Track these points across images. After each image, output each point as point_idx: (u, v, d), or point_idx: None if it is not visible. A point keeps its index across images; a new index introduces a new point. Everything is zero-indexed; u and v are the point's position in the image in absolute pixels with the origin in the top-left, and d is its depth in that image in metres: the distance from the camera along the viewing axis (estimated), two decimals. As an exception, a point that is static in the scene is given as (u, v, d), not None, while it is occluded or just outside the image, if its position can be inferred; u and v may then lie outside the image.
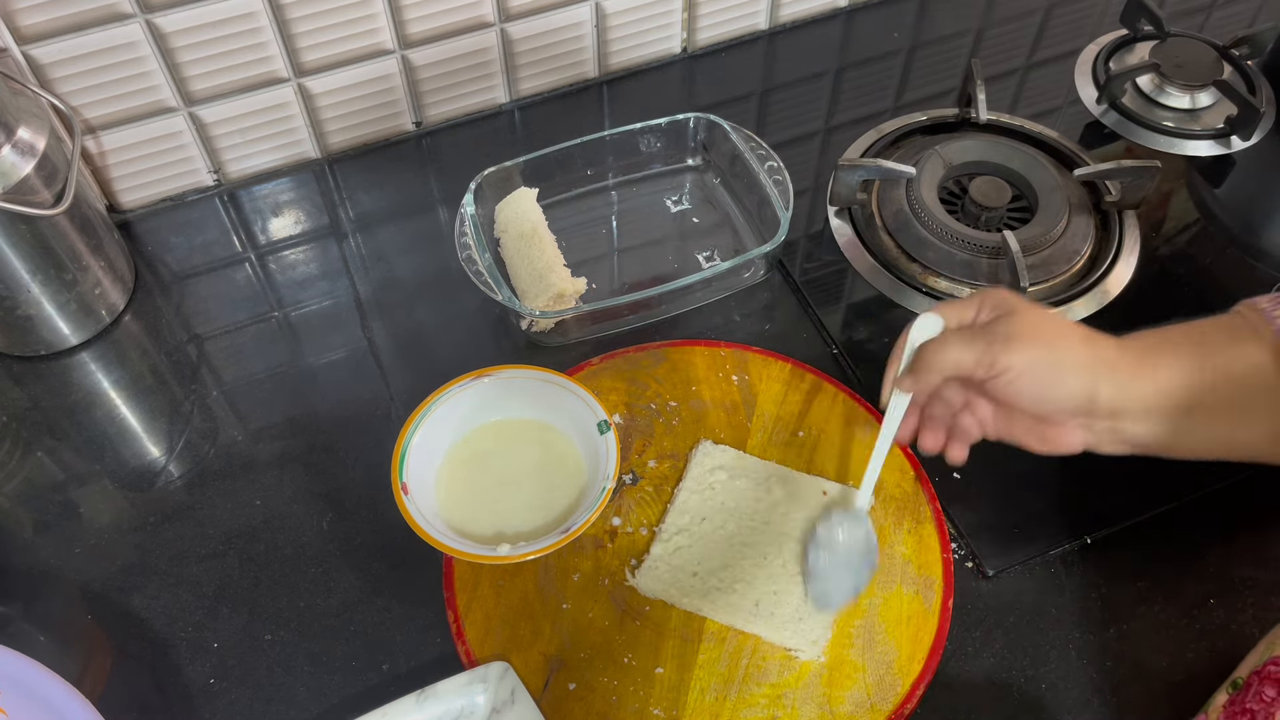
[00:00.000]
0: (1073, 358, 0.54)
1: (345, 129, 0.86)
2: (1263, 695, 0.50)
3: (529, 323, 0.73)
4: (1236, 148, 0.85)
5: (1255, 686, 0.51)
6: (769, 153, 0.78)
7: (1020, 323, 0.54)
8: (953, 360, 0.55)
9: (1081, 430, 0.56)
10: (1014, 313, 0.55)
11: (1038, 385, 0.54)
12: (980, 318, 0.56)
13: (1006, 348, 0.53)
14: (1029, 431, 0.58)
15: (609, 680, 0.59)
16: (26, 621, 0.63)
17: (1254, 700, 0.51)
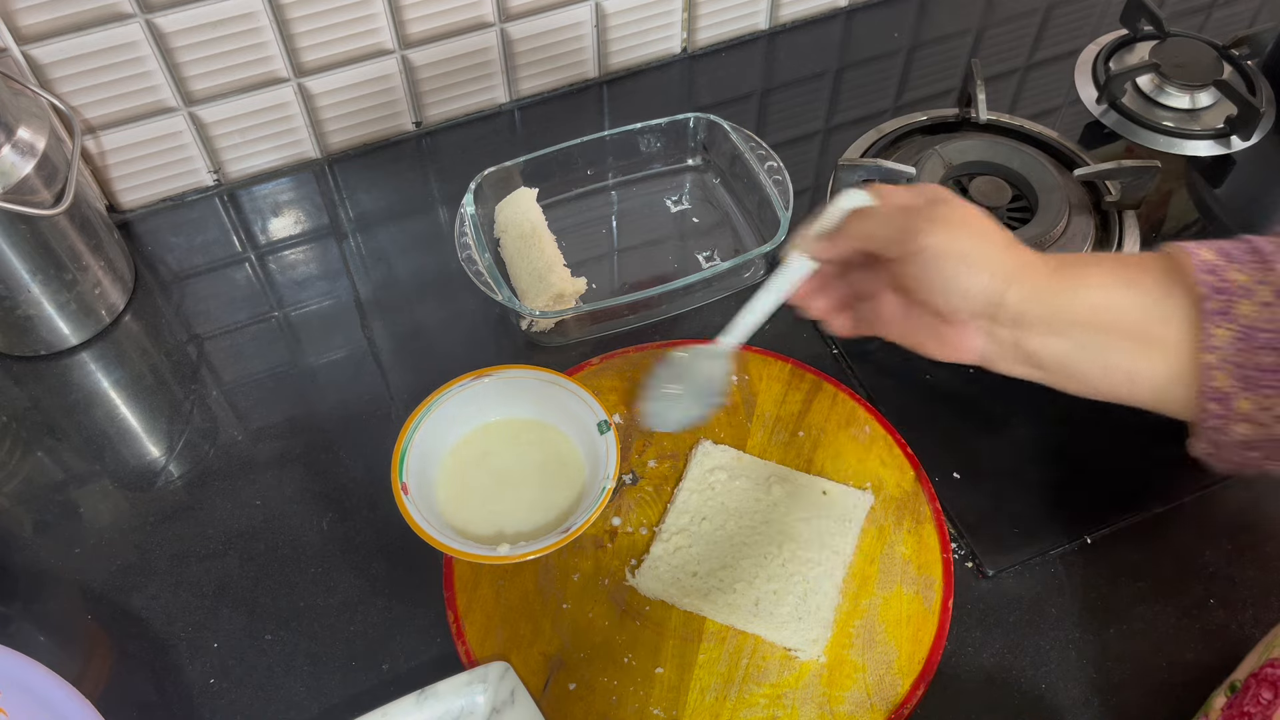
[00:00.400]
0: (990, 253, 0.52)
1: (345, 129, 0.86)
2: (1260, 698, 0.50)
3: (529, 323, 0.73)
4: (1236, 148, 0.85)
5: (1253, 689, 0.51)
6: (769, 153, 0.78)
7: (947, 210, 0.53)
8: (869, 230, 0.54)
9: (982, 336, 0.54)
10: (945, 202, 0.54)
11: (948, 272, 0.52)
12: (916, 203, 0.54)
13: (927, 229, 0.52)
14: (929, 332, 0.55)
15: (609, 680, 0.59)
16: (26, 621, 0.63)
17: (1251, 703, 0.50)
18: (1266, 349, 0.49)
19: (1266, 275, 0.49)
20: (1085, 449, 0.69)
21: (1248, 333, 0.49)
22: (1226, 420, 0.50)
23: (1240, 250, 0.51)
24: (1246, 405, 0.50)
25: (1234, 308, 0.49)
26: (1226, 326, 0.49)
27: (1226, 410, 0.50)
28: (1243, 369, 0.49)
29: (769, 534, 0.64)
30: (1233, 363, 0.50)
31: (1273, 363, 0.49)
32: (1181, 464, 0.66)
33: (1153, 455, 0.67)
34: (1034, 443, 0.70)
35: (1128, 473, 0.67)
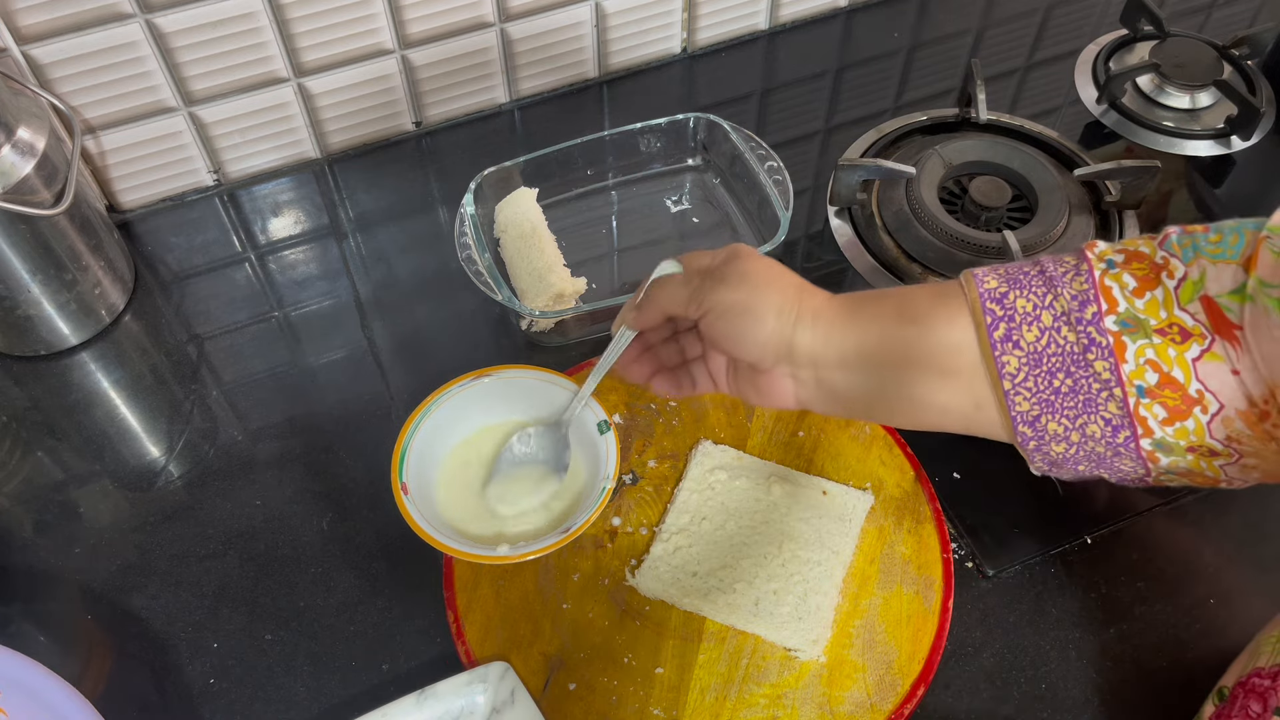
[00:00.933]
0: (773, 301, 0.54)
1: (345, 129, 0.86)
2: (1249, 710, 0.50)
3: (529, 323, 0.73)
4: (1236, 148, 0.85)
5: (1240, 700, 0.51)
6: (769, 153, 0.78)
7: (737, 267, 0.55)
8: (668, 296, 0.56)
9: (789, 379, 0.55)
10: (737, 258, 0.55)
11: (736, 325, 0.54)
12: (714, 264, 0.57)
13: (712, 287, 0.54)
14: (748, 383, 0.57)
15: (609, 680, 0.59)
16: (26, 621, 0.63)
17: (1239, 715, 0.51)
18: (1058, 372, 0.50)
19: (1051, 300, 0.50)
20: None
21: (1035, 358, 0.50)
22: (1042, 440, 0.52)
23: (1031, 274, 0.51)
24: (1055, 426, 0.51)
25: (1019, 334, 0.50)
26: (1014, 354, 0.50)
27: (1039, 432, 0.51)
28: (1039, 393, 0.51)
29: (769, 534, 0.64)
30: (1028, 388, 0.51)
31: (1067, 385, 0.50)
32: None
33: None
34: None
35: (1128, 473, 0.67)
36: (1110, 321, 0.49)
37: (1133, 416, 0.49)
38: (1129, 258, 0.50)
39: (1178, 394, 0.49)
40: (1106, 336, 0.49)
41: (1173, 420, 0.49)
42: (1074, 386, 0.50)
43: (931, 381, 0.52)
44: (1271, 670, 0.50)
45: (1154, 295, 0.49)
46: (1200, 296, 0.48)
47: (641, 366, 0.61)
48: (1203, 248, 0.49)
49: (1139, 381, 0.49)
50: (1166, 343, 0.48)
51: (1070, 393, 0.50)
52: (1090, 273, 0.50)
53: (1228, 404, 0.48)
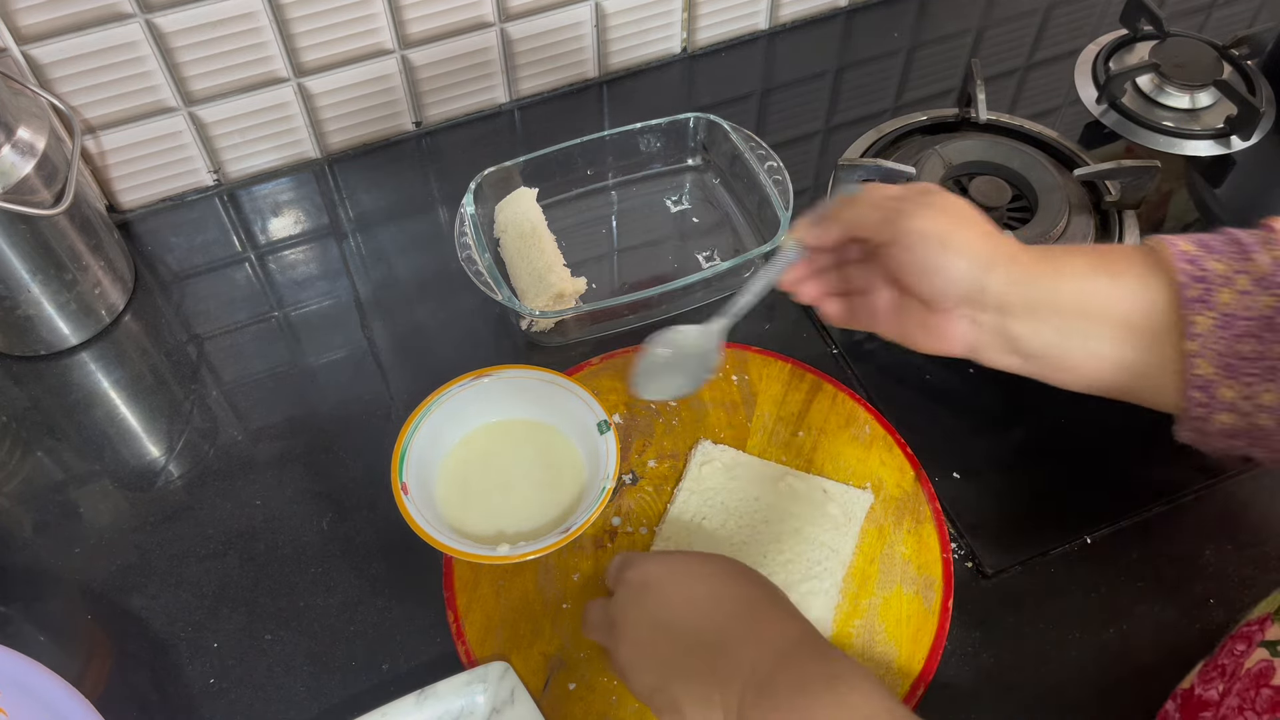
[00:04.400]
0: (971, 239, 0.52)
1: (345, 129, 0.86)
2: (1234, 651, 0.50)
3: (529, 323, 0.73)
4: (1236, 148, 0.85)
5: (1228, 645, 0.52)
6: (769, 153, 0.78)
7: (932, 199, 0.53)
8: (856, 216, 0.54)
9: (967, 324, 0.54)
10: (931, 192, 0.54)
11: (929, 257, 0.52)
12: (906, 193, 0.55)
13: (910, 215, 0.52)
14: (918, 323, 0.55)
15: (609, 680, 0.59)
16: (26, 621, 0.63)
17: (1225, 657, 0.51)
18: (1247, 336, 0.49)
19: (1245, 264, 0.50)
20: (1085, 449, 0.69)
21: (1228, 320, 0.50)
22: (1210, 409, 0.51)
23: (1219, 241, 0.51)
24: (1229, 393, 0.50)
25: (1213, 296, 0.50)
26: (1207, 314, 0.50)
27: (1210, 398, 0.51)
28: (1224, 356, 0.50)
29: (769, 534, 0.64)
30: (1214, 350, 0.50)
31: (1253, 350, 0.49)
32: (1181, 463, 0.67)
33: (1153, 455, 0.67)
34: (1034, 443, 0.70)
35: (1128, 473, 0.67)
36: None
37: None
38: None
39: None
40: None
41: None
42: (1261, 352, 0.49)
43: (1118, 337, 0.52)
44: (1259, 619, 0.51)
45: None
46: None
47: (811, 285, 0.58)
48: None
49: None
50: None
51: (1255, 358, 0.50)
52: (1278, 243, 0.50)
53: None
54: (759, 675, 0.47)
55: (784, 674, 0.47)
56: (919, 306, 0.54)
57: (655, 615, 0.51)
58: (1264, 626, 0.49)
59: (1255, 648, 0.49)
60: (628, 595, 0.53)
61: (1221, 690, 0.49)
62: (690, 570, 0.53)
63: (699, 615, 0.50)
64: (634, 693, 0.52)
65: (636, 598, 0.52)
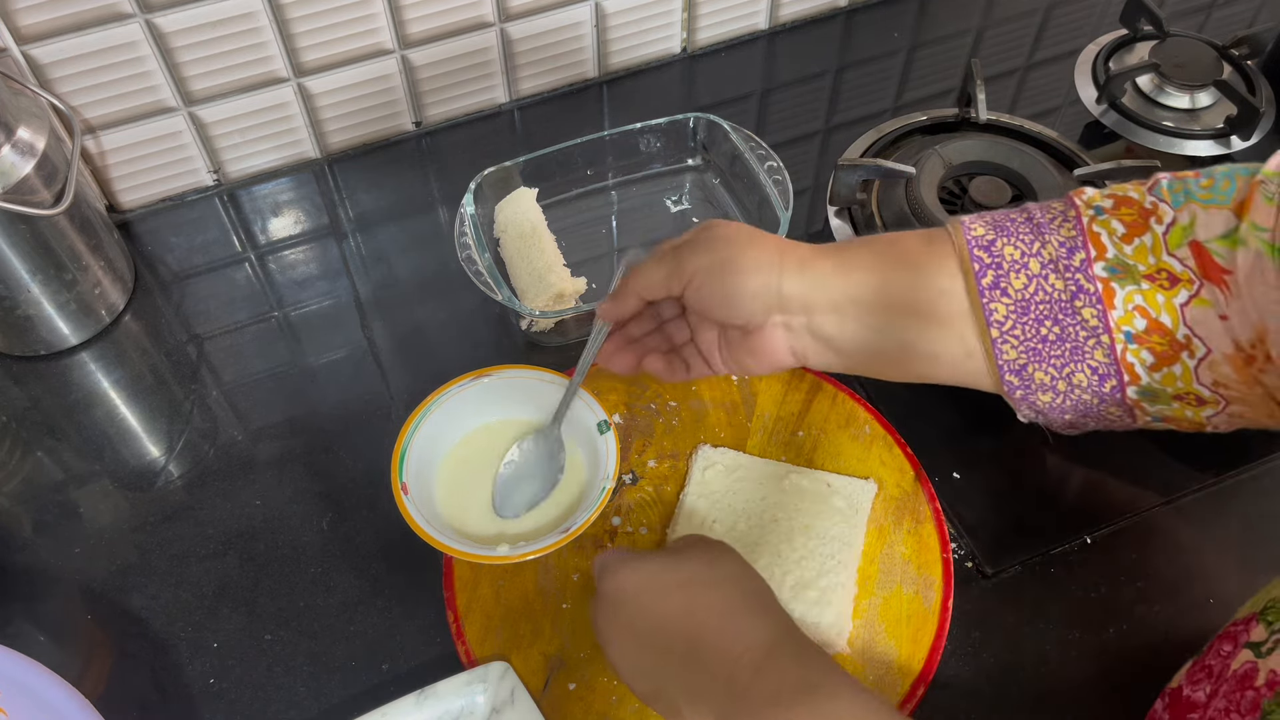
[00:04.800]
0: (755, 255, 0.53)
1: (345, 129, 0.86)
2: (1220, 651, 0.51)
3: (529, 323, 0.73)
4: (1236, 148, 0.85)
5: (1215, 646, 0.52)
6: (769, 153, 0.78)
7: (712, 232, 0.54)
8: (644, 278, 0.55)
9: (783, 330, 0.55)
10: (710, 227, 0.55)
11: (722, 283, 0.53)
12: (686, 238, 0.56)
13: (691, 255, 0.53)
14: (742, 348, 0.56)
15: (609, 680, 0.59)
16: (26, 621, 0.63)
17: (1212, 657, 0.51)
18: (1045, 319, 0.50)
19: (1038, 247, 0.50)
20: (1085, 449, 0.69)
21: (1024, 305, 0.50)
22: (1028, 389, 0.52)
23: (1016, 222, 0.51)
24: (1041, 375, 0.51)
25: (1007, 282, 0.50)
26: (1002, 301, 0.50)
27: (1025, 381, 0.51)
28: (1027, 341, 0.50)
29: (779, 532, 0.63)
30: (1015, 335, 0.50)
31: (1053, 333, 0.50)
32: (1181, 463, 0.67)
33: (1153, 455, 0.68)
34: (1034, 443, 0.70)
35: (1128, 473, 0.67)
36: (1099, 268, 0.49)
37: (1120, 363, 0.49)
38: (1117, 203, 0.50)
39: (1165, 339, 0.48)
40: (1095, 283, 0.49)
41: (1160, 366, 0.49)
42: (1061, 334, 0.50)
43: (922, 327, 0.52)
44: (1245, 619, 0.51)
45: (1142, 241, 0.49)
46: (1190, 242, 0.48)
47: (625, 356, 0.60)
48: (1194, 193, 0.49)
49: (1127, 327, 0.49)
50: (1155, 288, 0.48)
51: (1058, 340, 0.50)
52: (1078, 219, 0.50)
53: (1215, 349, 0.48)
54: (736, 687, 0.46)
55: (759, 684, 0.46)
56: (739, 334, 0.56)
57: (634, 627, 0.50)
58: (1249, 627, 0.50)
59: (1241, 649, 0.49)
60: (605, 608, 0.52)
61: (1209, 692, 0.49)
62: (662, 580, 0.51)
63: (674, 628, 0.49)
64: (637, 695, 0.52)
65: (613, 611, 0.51)
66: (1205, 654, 0.52)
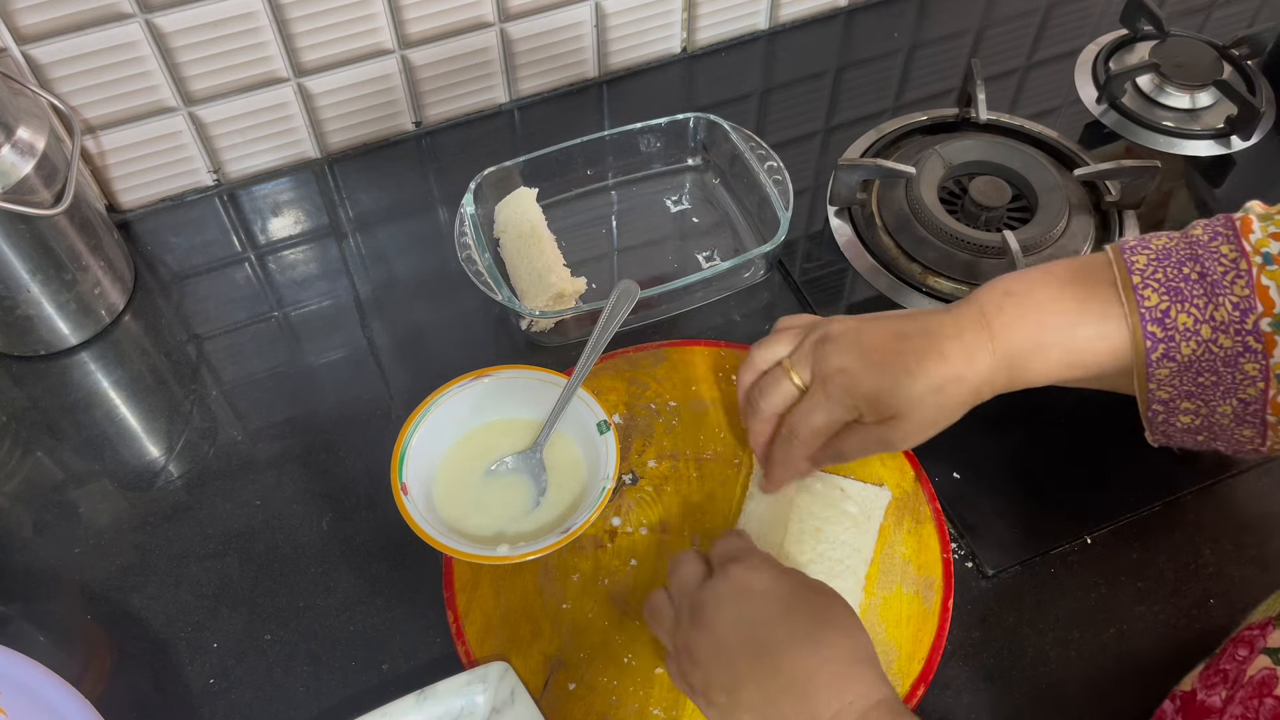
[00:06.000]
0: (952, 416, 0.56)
1: (345, 129, 0.86)
2: (1235, 655, 0.51)
3: (529, 323, 0.73)
4: (1236, 148, 0.85)
5: (1229, 650, 0.52)
6: (769, 153, 0.78)
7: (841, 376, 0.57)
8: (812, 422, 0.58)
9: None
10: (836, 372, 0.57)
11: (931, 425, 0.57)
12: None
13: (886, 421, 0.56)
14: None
15: (609, 680, 0.59)
16: (26, 621, 0.63)
17: (1227, 661, 0.51)
18: (1206, 372, 0.52)
19: (1211, 311, 0.51)
20: (1085, 449, 0.69)
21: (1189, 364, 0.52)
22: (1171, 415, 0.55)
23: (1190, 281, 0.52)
24: (1188, 404, 0.54)
25: (1176, 350, 0.52)
26: (1168, 365, 0.53)
27: (1169, 409, 0.54)
28: (1183, 387, 0.53)
29: (790, 534, 0.63)
30: (1173, 385, 0.53)
31: (1210, 380, 0.52)
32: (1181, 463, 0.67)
33: (1153, 455, 0.67)
34: (1034, 443, 0.70)
35: (1128, 473, 0.67)
36: (1265, 323, 0.50)
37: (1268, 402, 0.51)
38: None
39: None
40: (1261, 341, 0.50)
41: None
42: (1217, 381, 0.52)
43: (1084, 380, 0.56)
44: (1261, 623, 0.51)
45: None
46: None
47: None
48: None
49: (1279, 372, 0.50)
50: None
51: (1213, 386, 0.52)
52: (1250, 272, 0.51)
53: None
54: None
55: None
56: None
57: (748, 626, 0.50)
58: (1265, 632, 0.50)
59: (1257, 654, 0.49)
60: (728, 591, 0.51)
61: (1224, 697, 0.49)
62: (798, 597, 0.51)
63: (792, 646, 0.49)
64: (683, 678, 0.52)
65: (736, 598, 0.51)
66: (1219, 657, 0.52)
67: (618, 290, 0.66)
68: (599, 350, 0.65)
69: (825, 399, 0.57)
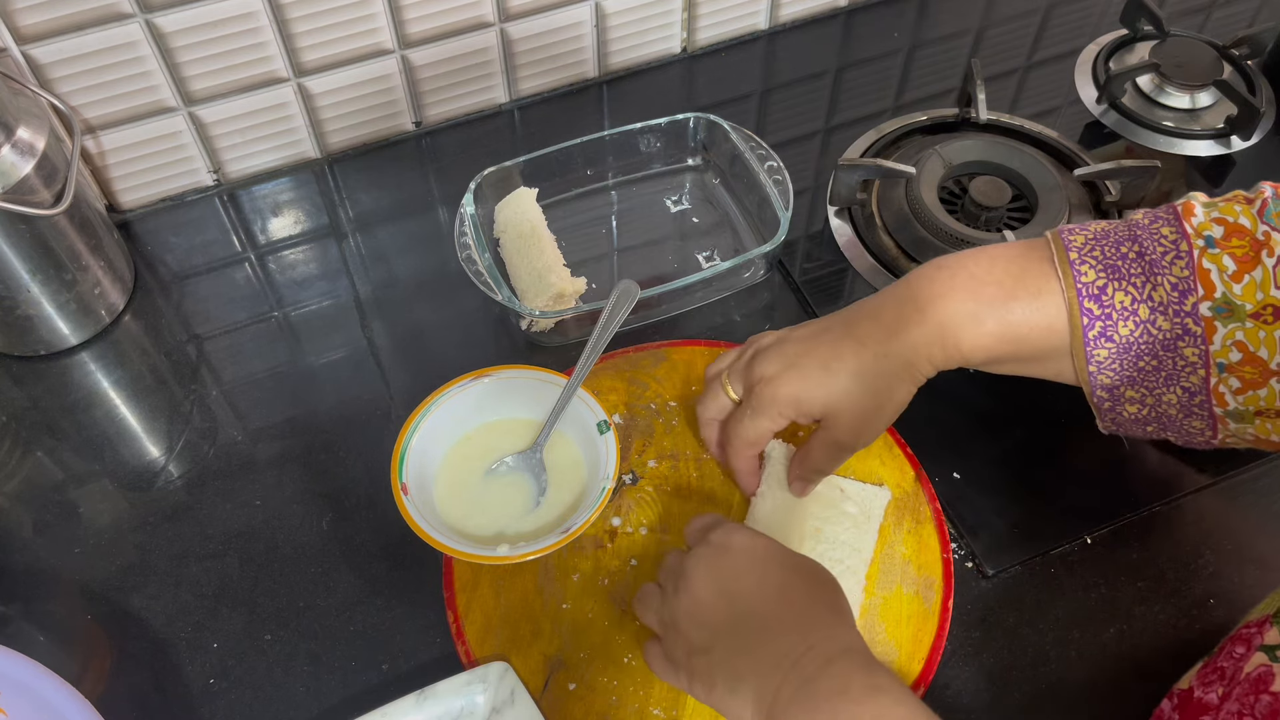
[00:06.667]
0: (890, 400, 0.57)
1: (345, 129, 0.86)
2: (1233, 653, 0.51)
3: (529, 323, 0.73)
4: (1236, 148, 0.85)
5: (1227, 648, 0.52)
6: (769, 153, 0.78)
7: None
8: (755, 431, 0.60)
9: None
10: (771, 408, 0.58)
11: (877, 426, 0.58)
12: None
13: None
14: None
15: (609, 680, 0.59)
16: (26, 621, 0.63)
17: (1225, 659, 0.51)
18: (1146, 355, 0.52)
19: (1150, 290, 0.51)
20: (1085, 449, 0.69)
21: (1127, 346, 0.52)
22: (1117, 403, 0.55)
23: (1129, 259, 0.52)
24: (1132, 393, 0.53)
25: (1114, 330, 0.52)
26: (1106, 347, 0.52)
27: (1115, 397, 0.54)
28: (1124, 371, 0.53)
29: (791, 536, 0.63)
30: (1113, 370, 0.53)
31: (1151, 365, 0.52)
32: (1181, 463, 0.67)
33: (1152, 455, 0.68)
34: (1034, 443, 0.70)
35: (1128, 473, 0.67)
36: (1205, 308, 0.50)
37: (1210, 391, 0.51)
38: (1228, 232, 0.51)
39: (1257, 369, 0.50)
40: (1200, 324, 0.50)
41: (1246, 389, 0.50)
42: (1158, 366, 0.52)
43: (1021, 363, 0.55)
44: (1258, 621, 0.51)
45: (1252, 277, 0.50)
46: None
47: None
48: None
49: (1221, 360, 0.50)
50: (1258, 325, 0.50)
51: (1154, 371, 0.52)
52: (1190, 253, 0.50)
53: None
54: (802, 673, 0.46)
55: (826, 678, 0.46)
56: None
57: (723, 581, 0.51)
58: (1263, 630, 0.50)
59: (1254, 651, 0.49)
60: (706, 553, 0.53)
61: (1221, 694, 0.49)
62: (771, 555, 0.52)
63: (763, 597, 0.50)
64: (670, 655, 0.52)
65: (713, 557, 0.52)
66: (1217, 655, 0.52)
67: (618, 290, 0.66)
68: (599, 350, 0.65)
69: (750, 410, 0.59)
